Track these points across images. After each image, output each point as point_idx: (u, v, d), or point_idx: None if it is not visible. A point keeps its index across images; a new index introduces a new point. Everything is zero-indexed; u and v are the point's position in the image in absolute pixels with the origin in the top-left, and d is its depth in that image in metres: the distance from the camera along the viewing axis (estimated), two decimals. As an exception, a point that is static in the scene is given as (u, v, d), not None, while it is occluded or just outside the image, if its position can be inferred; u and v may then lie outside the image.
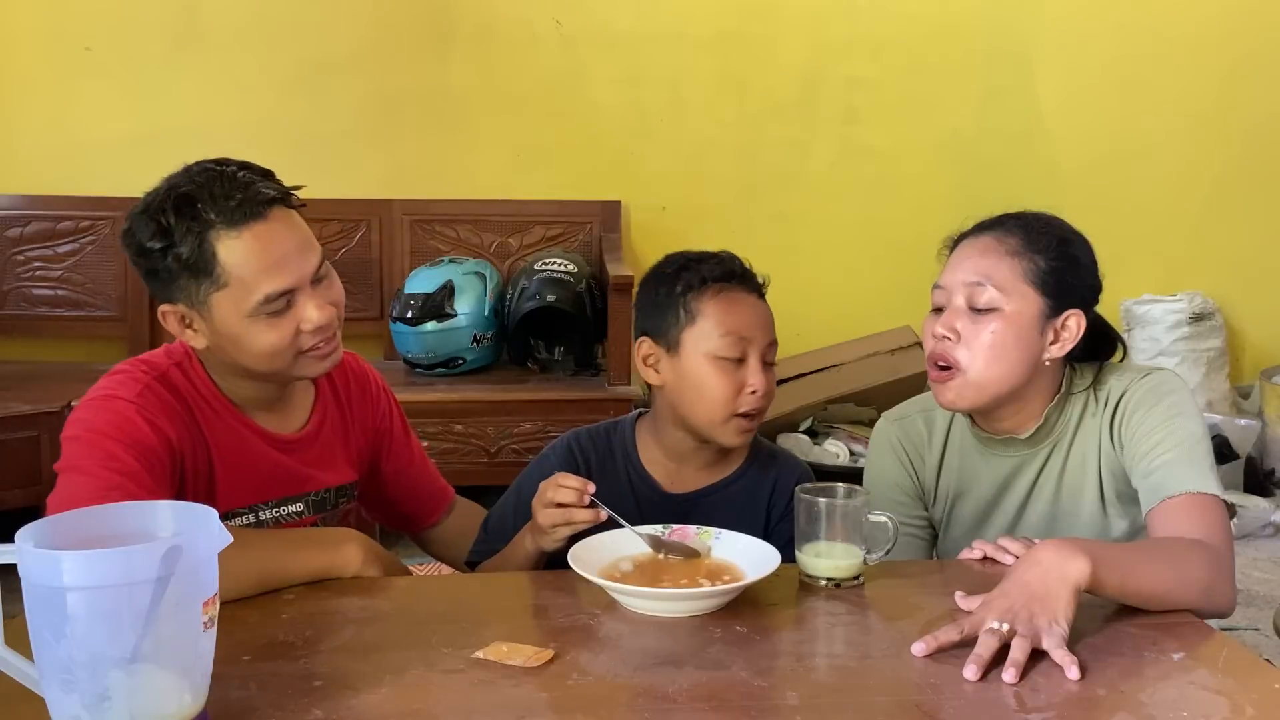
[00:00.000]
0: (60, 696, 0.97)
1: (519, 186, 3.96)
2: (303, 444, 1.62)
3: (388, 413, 1.78)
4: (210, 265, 1.43)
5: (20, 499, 3.00)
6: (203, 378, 1.54)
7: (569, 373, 3.66)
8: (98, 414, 1.44)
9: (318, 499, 1.64)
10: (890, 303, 3.96)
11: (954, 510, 1.70)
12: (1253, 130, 4.21)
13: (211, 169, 1.46)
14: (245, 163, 1.50)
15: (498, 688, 1.14)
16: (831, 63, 4.03)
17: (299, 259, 1.47)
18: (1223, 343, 4.15)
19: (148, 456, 1.42)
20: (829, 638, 1.33)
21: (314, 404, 1.65)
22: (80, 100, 3.80)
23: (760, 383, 1.55)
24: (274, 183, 1.49)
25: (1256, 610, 3.03)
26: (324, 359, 1.52)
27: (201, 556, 1.00)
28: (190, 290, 1.45)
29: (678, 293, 1.58)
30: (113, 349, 3.76)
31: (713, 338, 1.55)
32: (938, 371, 1.58)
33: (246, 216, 1.43)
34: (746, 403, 1.55)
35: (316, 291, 1.49)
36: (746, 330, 1.55)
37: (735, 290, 1.58)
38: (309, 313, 1.47)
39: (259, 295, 1.44)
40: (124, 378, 1.49)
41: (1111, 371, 1.63)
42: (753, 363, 1.55)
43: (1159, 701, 1.12)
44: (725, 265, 1.59)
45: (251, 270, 1.43)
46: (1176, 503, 1.46)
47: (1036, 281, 1.54)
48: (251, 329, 1.46)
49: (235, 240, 1.43)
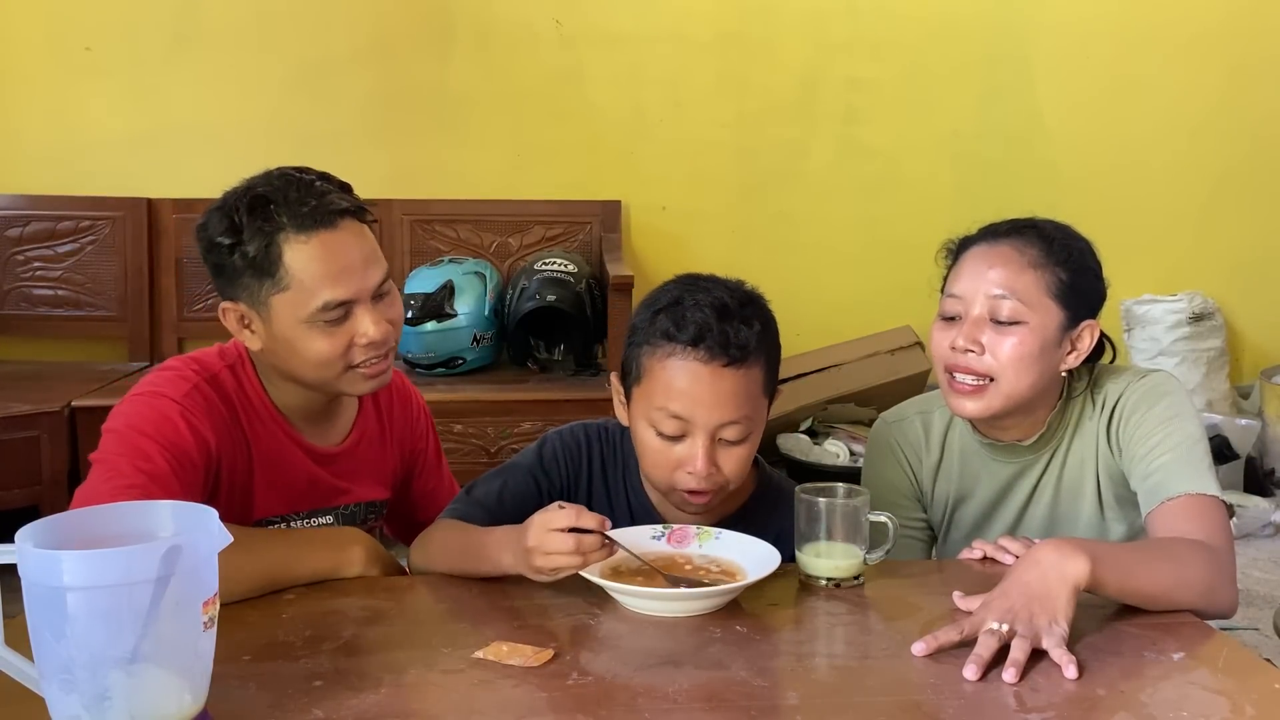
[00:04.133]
0: (60, 696, 0.97)
1: (519, 186, 3.96)
2: (340, 457, 1.62)
3: (425, 434, 1.79)
4: (275, 266, 1.44)
5: (20, 499, 3.00)
6: (253, 382, 1.54)
7: (569, 373, 3.66)
8: (140, 409, 1.45)
9: (347, 513, 1.64)
10: (890, 303, 3.96)
11: (954, 514, 1.70)
12: (1253, 130, 4.20)
13: (291, 174, 1.48)
14: (325, 173, 1.51)
15: (498, 688, 1.14)
16: (831, 63, 4.03)
17: (362, 271, 1.48)
18: (1223, 343, 4.15)
19: (180, 460, 1.42)
20: (829, 638, 1.33)
21: (356, 418, 1.66)
22: (80, 100, 3.80)
23: (701, 466, 1.38)
24: (349, 195, 1.50)
25: (1256, 610, 3.03)
26: (372, 378, 1.52)
27: (201, 556, 1.00)
28: (253, 289, 1.46)
29: (637, 340, 1.43)
30: (113, 349, 3.77)
31: (649, 407, 1.41)
32: (961, 384, 1.54)
33: (317, 223, 1.44)
34: (684, 481, 1.41)
35: (376, 307, 1.49)
36: (687, 411, 1.38)
37: (691, 360, 1.37)
38: (365, 326, 1.48)
39: (318, 302, 1.45)
40: (174, 375, 1.49)
41: (1107, 374, 1.63)
42: (697, 442, 1.39)
43: (1159, 701, 1.12)
44: (700, 324, 1.37)
45: (314, 276, 1.44)
46: (1176, 504, 1.46)
47: (1057, 295, 1.53)
48: (307, 335, 1.46)
49: (303, 245, 1.44)
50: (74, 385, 3.28)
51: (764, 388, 1.45)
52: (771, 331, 1.46)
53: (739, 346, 1.38)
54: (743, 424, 1.41)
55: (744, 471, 1.45)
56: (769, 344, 1.45)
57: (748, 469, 1.47)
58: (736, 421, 1.40)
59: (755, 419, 1.43)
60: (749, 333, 1.40)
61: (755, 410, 1.43)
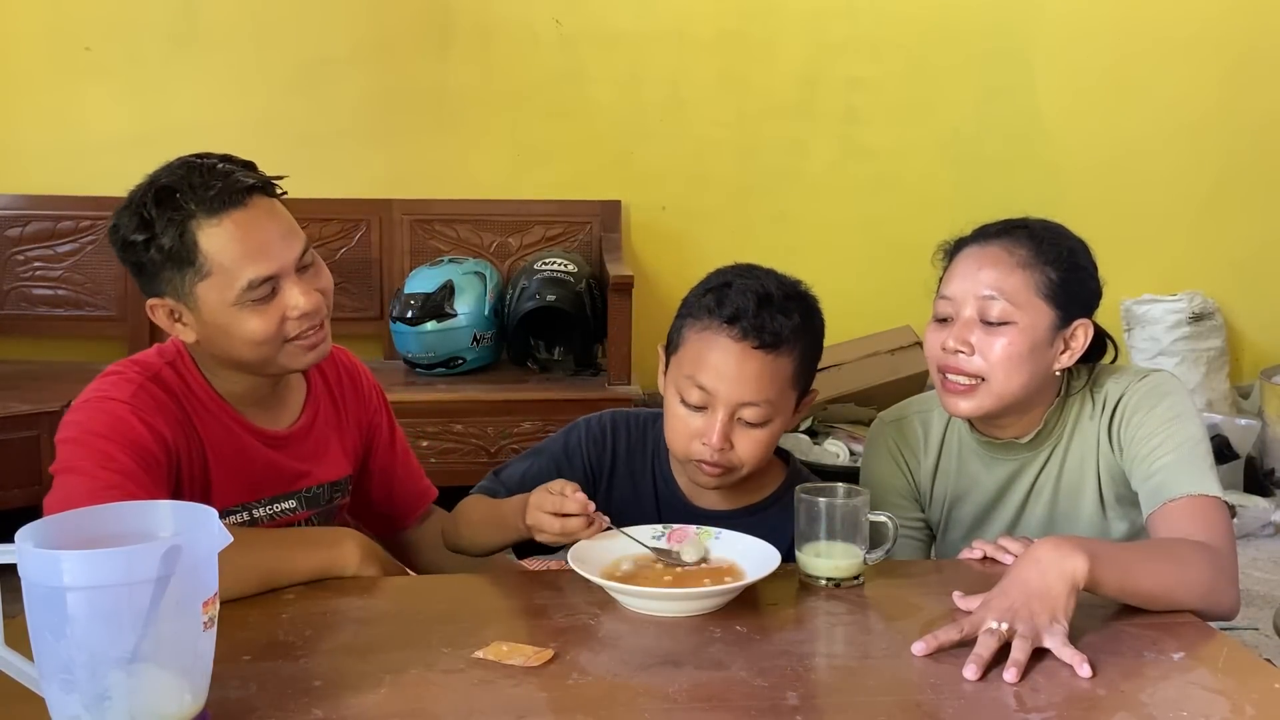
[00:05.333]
0: (60, 696, 0.97)
1: (519, 186, 3.96)
2: (295, 439, 1.62)
3: (378, 408, 1.78)
4: (192, 254, 1.44)
5: (20, 499, 3.00)
6: (195, 375, 1.54)
7: (569, 373, 3.66)
8: (92, 415, 1.44)
9: (310, 495, 1.64)
10: (890, 303, 3.96)
11: (952, 513, 1.70)
12: (1253, 130, 4.20)
13: (191, 161, 1.48)
14: (226, 155, 1.51)
15: (498, 688, 1.14)
16: (831, 63, 4.03)
17: (281, 245, 1.47)
18: (1223, 343, 4.15)
19: (144, 456, 1.42)
20: (829, 638, 1.33)
21: (306, 399, 1.65)
22: (80, 100, 3.80)
23: (715, 440, 1.44)
24: (254, 172, 1.50)
25: (1256, 610, 3.03)
26: (312, 349, 1.52)
27: (201, 556, 1.00)
28: (175, 282, 1.46)
29: (683, 312, 1.51)
30: (113, 349, 3.76)
31: (680, 375, 1.48)
32: (954, 384, 1.55)
33: (226, 204, 1.44)
34: (699, 452, 1.47)
35: (302, 279, 1.49)
36: (711, 383, 1.45)
37: (724, 336, 1.44)
38: (295, 299, 1.48)
39: (242, 281, 1.44)
40: (117, 379, 1.49)
41: (1108, 373, 1.63)
42: (716, 417, 1.45)
43: (1159, 701, 1.12)
44: (739, 305, 1.44)
45: (233, 257, 1.44)
46: (1178, 505, 1.46)
47: (1048, 294, 1.53)
48: (238, 317, 1.46)
49: (216, 228, 1.44)
50: (74, 385, 3.22)
51: (794, 380, 1.50)
52: (812, 328, 1.53)
53: (772, 333, 1.44)
54: (763, 408, 1.46)
55: (760, 456, 1.49)
56: (807, 339, 1.50)
57: (765, 455, 1.51)
58: (757, 404, 1.45)
59: (778, 406, 1.48)
60: (785, 322, 1.46)
61: (780, 398, 1.48)
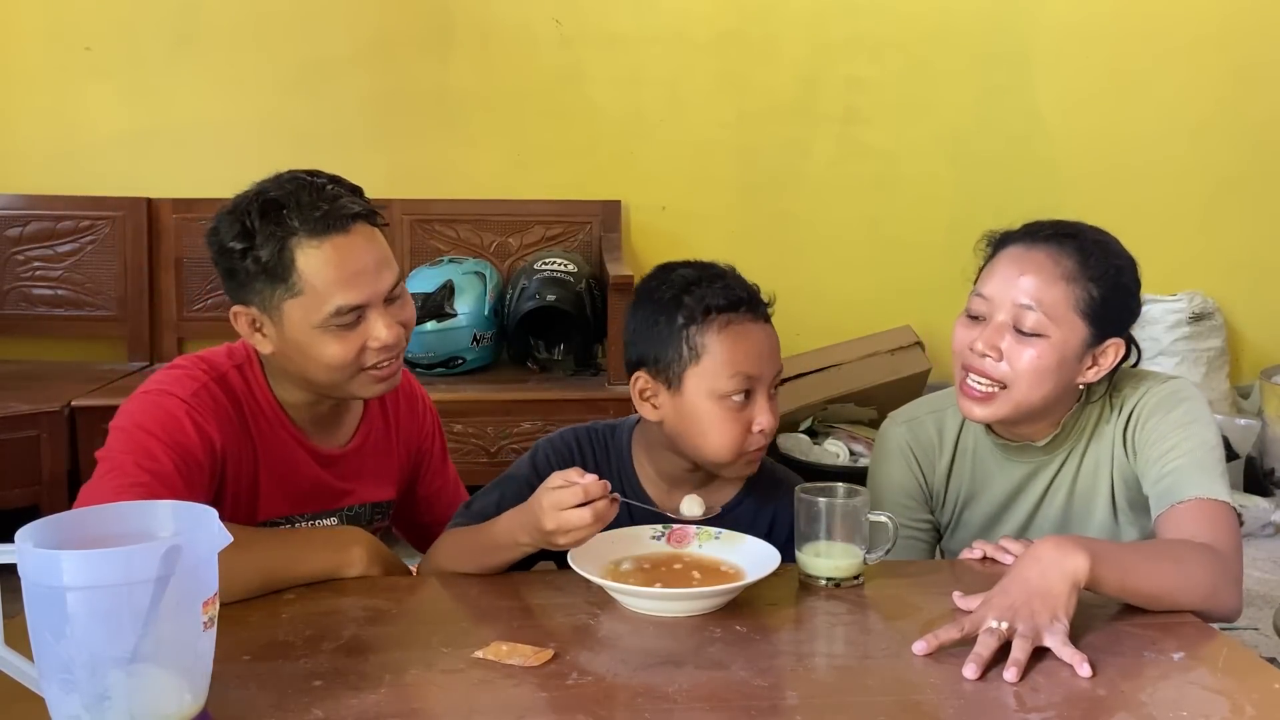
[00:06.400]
0: (60, 696, 0.97)
1: (519, 186, 3.96)
2: (345, 459, 1.62)
3: (432, 434, 1.78)
4: (288, 272, 1.44)
5: (20, 499, 3.00)
6: (261, 383, 1.54)
7: (569, 373, 3.65)
8: (147, 408, 1.44)
9: (351, 514, 1.64)
10: (890, 303, 3.96)
11: (963, 513, 1.69)
12: (1253, 130, 4.20)
13: (302, 178, 1.48)
14: (336, 176, 1.51)
15: (498, 688, 1.14)
16: (831, 63, 4.03)
17: (375, 276, 1.47)
18: (1223, 343, 4.15)
19: (185, 459, 1.42)
20: (829, 638, 1.33)
21: (361, 419, 1.65)
22: (80, 100, 3.79)
23: (768, 420, 1.46)
24: (361, 199, 1.49)
25: (1256, 610, 3.03)
26: (383, 380, 1.52)
27: (201, 556, 1.00)
28: (265, 294, 1.46)
29: (679, 324, 1.46)
30: (113, 349, 3.77)
31: (720, 378, 1.44)
32: (972, 388, 1.54)
33: (329, 228, 1.44)
34: (754, 442, 1.47)
35: (388, 311, 1.49)
36: (755, 367, 1.45)
37: (742, 321, 1.46)
38: (378, 330, 1.47)
39: (331, 307, 1.44)
40: (182, 374, 1.49)
41: (1127, 379, 1.61)
42: (760, 400, 1.46)
43: (1159, 701, 1.13)
44: (730, 291, 1.47)
45: (326, 281, 1.44)
46: (1185, 508, 1.46)
47: (1086, 311, 1.50)
48: (319, 340, 1.46)
49: (315, 250, 1.44)
50: (74, 385, 3.28)
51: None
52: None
53: (764, 303, 1.51)
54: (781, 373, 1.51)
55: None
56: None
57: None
58: (781, 371, 1.51)
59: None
60: (754, 289, 1.51)
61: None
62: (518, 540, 1.40)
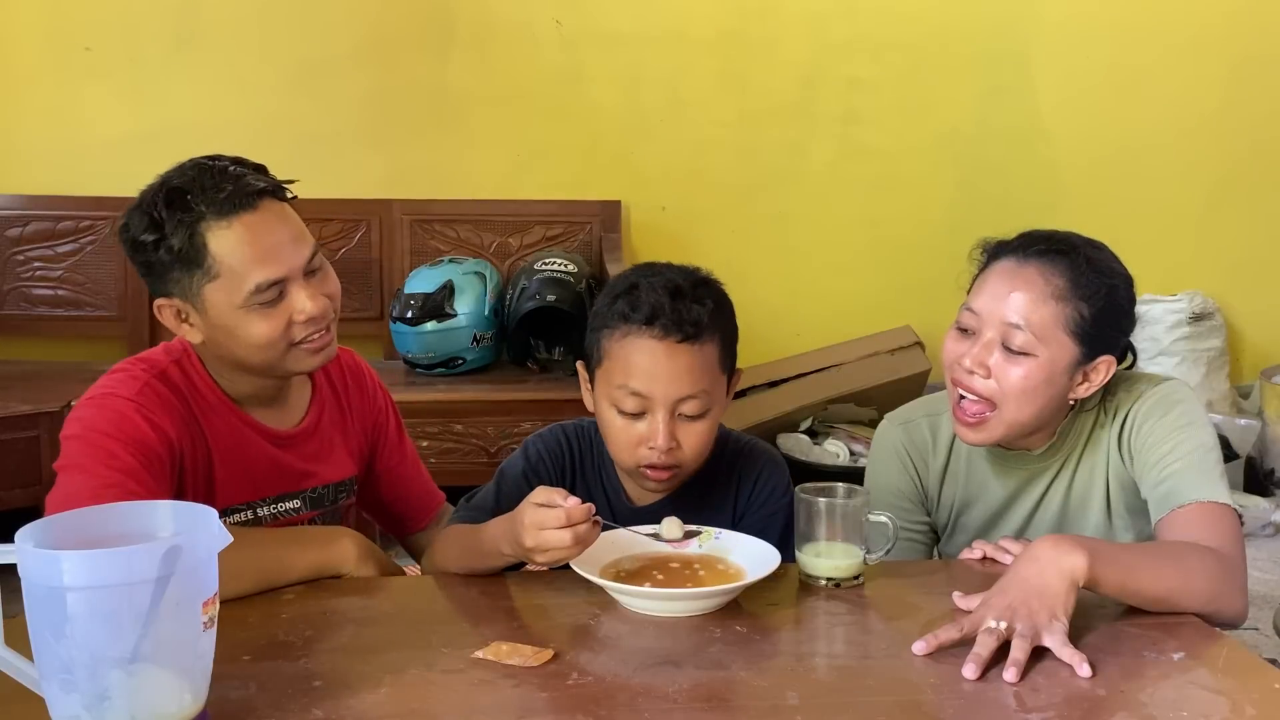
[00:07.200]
0: (60, 696, 0.97)
1: (519, 186, 3.96)
2: (300, 439, 1.62)
3: (384, 409, 1.78)
4: (201, 256, 1.45)
5: (20, 499, 2.99)
6: (201, 374, 1.55)
7: (569, 373, 3.65)
8: (97, 413, 1.45)
9: (314, 495, 1.64)
10: (890, 303, 3.96)
11: (959, 518, 1.69)
12: (1253, 130, 4.20)
13: (203, 163, 1.49)
14: (238, 158, 1.52)
15: (498, 688, 1.14)
16: (831, 63, 4.03)
17: (290, 249, 1.48)
18: (1223, 343, 4.15)
19: (147, 454, 1.42)
20: (829, 638, 1.33)
21: (311, 399, 1.66)
22: (80, 100, 3.80)
23: (661, 440, 1.43)
24: (265, 176, 1.50)
25: (1256, 610, 3.02)
26: (317, 352, 1.53)
27: (201, 556, 1.00)
28: (183, 283, 1.47)
29: (597, 325, 1.49)
30: (113, 349, 3.76)
31: (611, 387, 1.46)
32: (963, 412, 1.53)
33: (236, 207, 1.45)
34: (646, 457, 1.45)
35: (310, 283, 1.50)
36: (645, 385, 1.43)
37: (646, 338, 1.43)
38: (301, 303, 1.48)
39: (250, 285, 1.45)
40: (123, 376, 1.50)
41: (1121, 383, 1.60)
42: (655, 419, 1.43)
43: (1159, 701, 1.13)
44: (654, 304, 1.43)
45: (242, 260, 1.45)
46: (1186, 512, 1.45)
47: (1076, 331, 1.48)
48: (244, 320, 1.47)
49: (225, 231, 1.44)
50: (74, 385, 3.27)
51: (721, 364, 1.49)
52: (725, 311, 1.51)
53: (692, 323, 1.43)
54: (700, 399, 1.45)
55: (705, 448, 1.48)
56: (723, 322, 1.49)
57: (709, 448, 1.49)
58: (694, 396, 1.44)
59: (713, 395, 1.47)
60: (701, 310, 1.45)
61: (713, 386, 1.47)
62: (501, 550, 1.39)
